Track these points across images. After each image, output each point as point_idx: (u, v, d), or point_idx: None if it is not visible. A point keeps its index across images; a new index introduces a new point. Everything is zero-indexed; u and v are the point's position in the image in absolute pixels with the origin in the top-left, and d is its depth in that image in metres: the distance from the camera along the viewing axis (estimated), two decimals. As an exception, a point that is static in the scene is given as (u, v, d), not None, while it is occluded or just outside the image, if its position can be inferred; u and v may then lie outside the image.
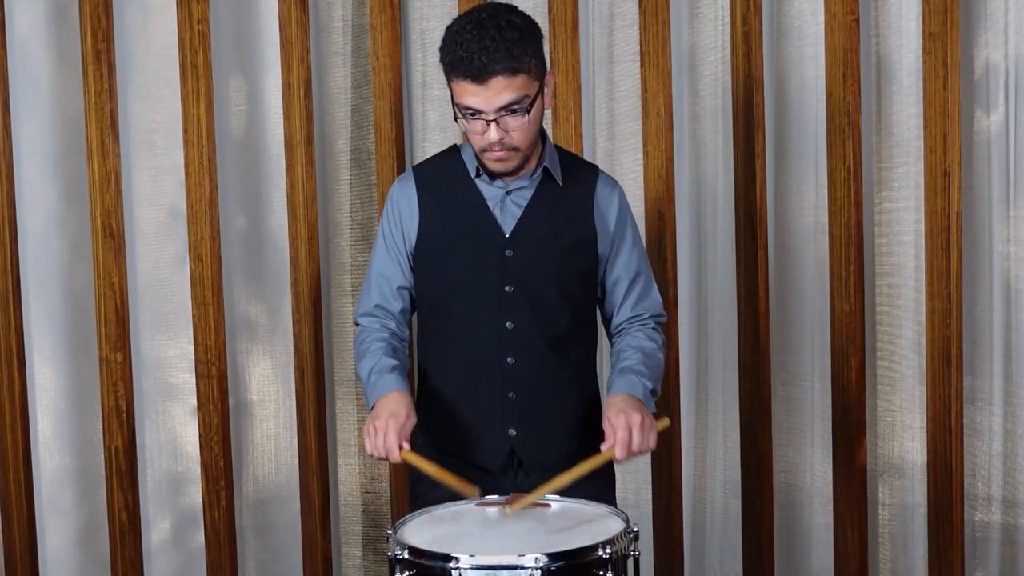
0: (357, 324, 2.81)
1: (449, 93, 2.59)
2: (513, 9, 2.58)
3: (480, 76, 2.50)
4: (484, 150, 2.61)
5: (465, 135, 2.66)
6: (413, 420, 2.58)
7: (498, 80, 2.50)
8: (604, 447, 2.54)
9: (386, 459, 2.55)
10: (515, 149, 2.60)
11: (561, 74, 3.45)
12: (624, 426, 2.52)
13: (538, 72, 2.56)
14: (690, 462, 3.72)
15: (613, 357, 2.79)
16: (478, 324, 2.68)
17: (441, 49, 2.55)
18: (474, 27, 2.50)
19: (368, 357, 2.70)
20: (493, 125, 2.54)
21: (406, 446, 2.54)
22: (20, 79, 3.49)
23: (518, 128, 2.56)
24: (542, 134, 2.70)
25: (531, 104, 2.55)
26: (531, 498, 2.52)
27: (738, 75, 3.47)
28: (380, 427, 2.54)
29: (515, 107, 2.53)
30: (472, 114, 2.55)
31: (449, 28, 2.56)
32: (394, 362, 2.68)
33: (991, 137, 3.47)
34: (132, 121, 3.56)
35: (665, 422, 2.64)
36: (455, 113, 2.57)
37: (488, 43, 2.48)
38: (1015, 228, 3.46)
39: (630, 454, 2.53)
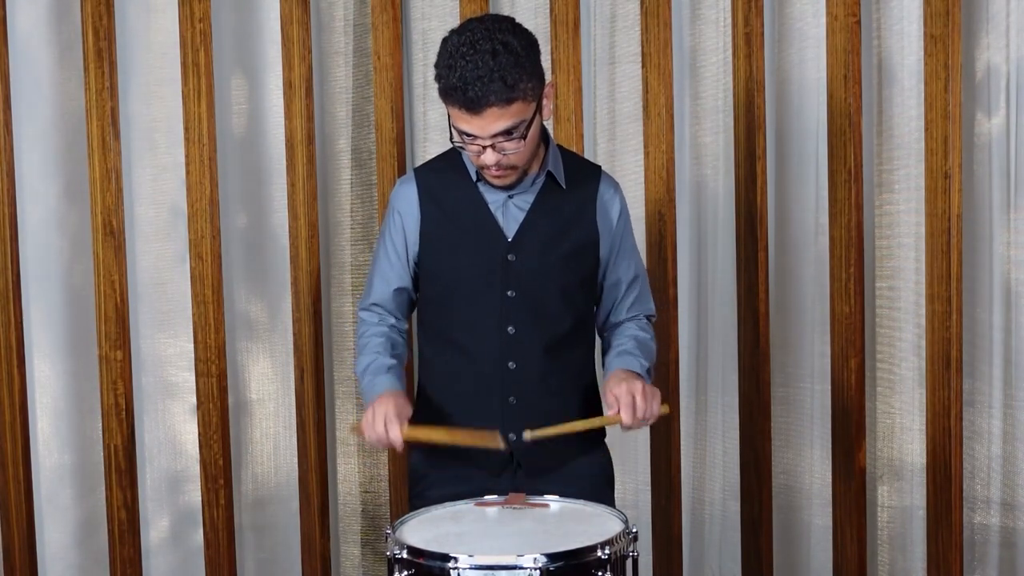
0: (358, 314, 2.83)
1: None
2: (510, 26, 2.52)
3: (474, 107, 2.47)
4: (482, 168, 2.60)
5: None
6: (410, 409, 2.59)
7: (493, 110, 2.47)
8: (610, 413, 2.56)
9: (387, 446, 2.54)
10: (513, 167, 2.59)
11: (562, 74, 3.45)
12: (627, 392, 2.55)
13: (535, 93, 2.53)
14: (689, 463, 3.72)
15: (605, 346, 2.81)
16: (479, 328, 2.68)
17: (436, 67, 2.52)
18: (468, 49, 2.46)
19: (366, 353, 2.72)
20: (489, 149, 2.53)
21: (406, 426, 2.54)
22: (21, 77, 3.49)
23: (514, 151, 2.54)
24: (546, 137, 2.69)
25: (527, 128, 2.53)
26: (549, 431, 2.54)
27: (739, 76, 3.47)
28: (379, 412, 2.54)
29: (511, 132, 2.51)
30: (468, 137, 2.54)
31: (444, 44, 2.52)
32: (391, 361, 2.69)
33: (992, 140, 3.47)
34: (133, 119, 3.56)
35: (665, 407, 2.64)
36: (451, 134, 2.56)
37: (483, 72, 2.44)
38: (1015, 231, 3.46)
39: (635, 420, 2.54)
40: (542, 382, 2.69)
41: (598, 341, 2.87)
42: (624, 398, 2.55)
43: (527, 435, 2.56)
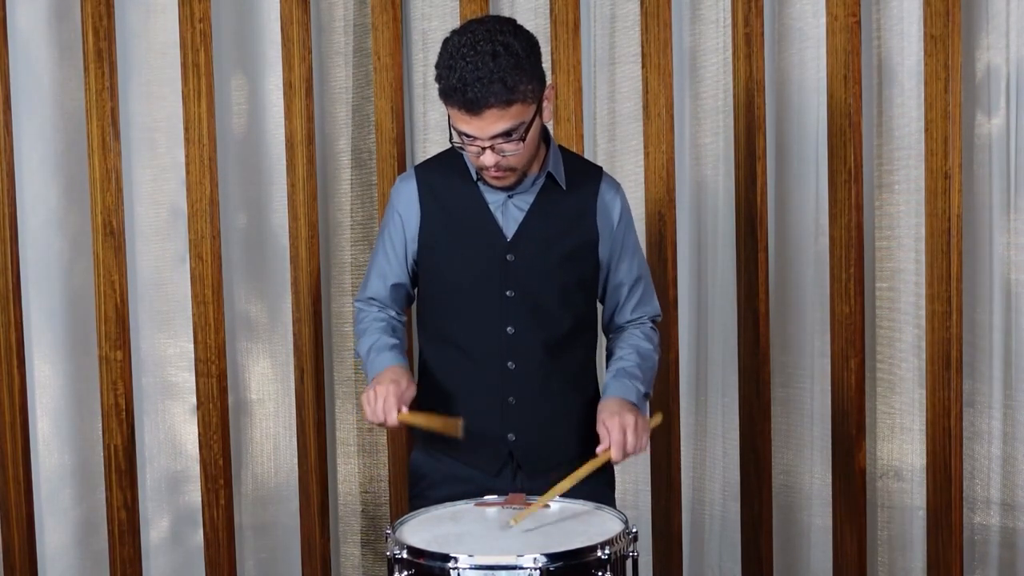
0: (354, 304, 2.84)
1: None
2: (510, 28, 2.52)
3: (473, 108, 2.47)
4: (481, 169, 2.61)
5: None
6: (413, 389, 2.59)
7: (492, 112, 2.47)
8: (600, 449, 2.57)
9: (383, 424, 2.54)
10: (512, 169, 2.59)
11: (562, 75, 3.45)
12: (619, 428, 2.55)
13: (535, 94, 2.53)
14: (689, 463, 3.72)
15: (609, 353, 2.80)
16: (478, 328, 2.68)
17: (436, 67, 2.52)
18: (469, 50, 2.46)
19: (368, 335, 2.74)
20: (488, 151, 2.53)
21: (404, 410, 2.54)
22: (22, 77, 3.49)
23: (514, 152, 2.54)
24: (546, 137, 2.69)
25: (527, 130, 2.53)
26: (534, 508, 2.53)
27: (739, 77, 3.47)
28: (380, 392, 2.54)
29: (510, 134, 2.51)
30: (467, 138, 2.54)
31: (445, 44, 2.52)
32: (394, 341, 2.71)
33: (992, 140, 3.47)
34: (133, 119, 3.56)
35: (658, 418, 2.69)
36: (451, 135, 2.56)
37: (482, 73, 2.44)
38: (1015, 232, 3.46)
39: (625, 455, 2.56)
40: (542, 382, 2.69)
41: (600, 341, 2.87)
42: (615, 434, 2.55)
43: (512, 523, 2.50)
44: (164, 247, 3.62)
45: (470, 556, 2.27)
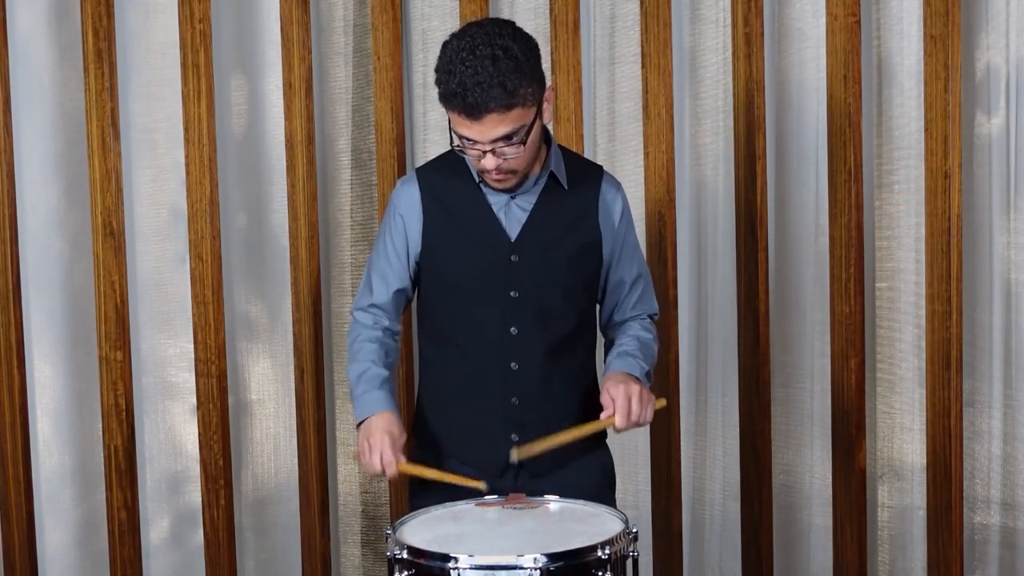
0: (352, 314, 2.82)
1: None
2: (509, 31, 2.51)
3: (474, 113, 2.46)
4: (482, 172, 2.60)
5: None
6: (405, 437, 2.61)
7: (492, 116, 2.47)
8: (604, 415, 2.58)
9: (383, 475, 2.57)
10: (513, 172, 2.59)
11: (562, 75, 3.45)
12: (624, 395, 2.56)
13: (535, 97, 2.52)
14: (689, 463, 3.72)
15: (607, 345, 2.81)
16: (482, 329, 2.68)
17: (436, 71, 2.52)
18: (468, 55, 2.45)
19: (359, 361, 2.71)
20: (489, 154, 2.53)
21: (403, 459, 2.57)
22: (21, 77, 3.49)
23: (514, 155, 2.54)
24: (547, 137, 2.69)
25: (527, 132, 2.53)
26: (537, 448, 2.56)
27: (739, 77, 3.47)
28: (376, 444, 2.56)
29: (511, 137, 2.51)
30: (468, 142, 2.54)
31: (444, 48, 2.52)
32: (385, 372, 2.68)
33: (992, 140, 3.48)
34: (133, 120, 3.56)
35: (661, 401, 2.67)
36: (451, 138, 2.56)
37: (482, 77, 2.44)
38: (1015, 232, 3.46)
39: (629, 423, 2.56)
40: (544, 383, 2.69)
41: (600, 341, 2.87)
42: (620, 400, 2.56)
43: (513, 455, 2.56)
44: (164, 247, 3.62)
45: (470, 556, 2.27)
